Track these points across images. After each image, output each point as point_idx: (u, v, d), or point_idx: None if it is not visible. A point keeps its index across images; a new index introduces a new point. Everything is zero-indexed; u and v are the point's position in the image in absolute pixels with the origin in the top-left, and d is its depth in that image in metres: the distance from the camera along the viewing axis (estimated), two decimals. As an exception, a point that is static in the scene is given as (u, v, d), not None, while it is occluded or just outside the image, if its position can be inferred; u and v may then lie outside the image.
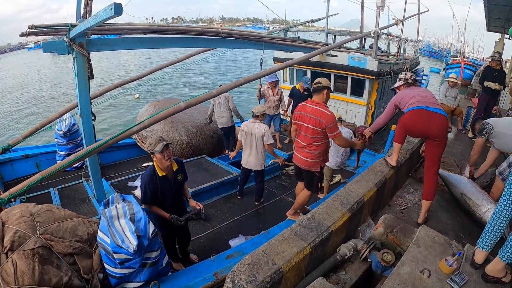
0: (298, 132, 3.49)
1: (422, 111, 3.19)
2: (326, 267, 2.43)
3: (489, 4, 6.84)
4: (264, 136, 4.41)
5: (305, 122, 3.34)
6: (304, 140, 3.41)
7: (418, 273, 2.13)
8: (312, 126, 3.28)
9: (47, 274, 2.16)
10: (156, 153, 2.76)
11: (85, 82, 3.42)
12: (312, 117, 3.26)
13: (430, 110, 3.16)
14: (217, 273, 2.66)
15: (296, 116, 3.47)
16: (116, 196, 2.62)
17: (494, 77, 6.07)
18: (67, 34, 3.18)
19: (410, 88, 3.64)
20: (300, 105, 3.47)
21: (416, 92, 3.48)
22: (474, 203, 3.38)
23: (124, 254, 2.21)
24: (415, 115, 3.23)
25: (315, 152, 3.38)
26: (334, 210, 2.81)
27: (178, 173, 3.07)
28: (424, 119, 3.16)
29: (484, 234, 2.13)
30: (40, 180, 2.79)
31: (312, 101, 3.39)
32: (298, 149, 3.51)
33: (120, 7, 2.25)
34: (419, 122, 3.20)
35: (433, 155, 3.27)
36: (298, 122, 3.43)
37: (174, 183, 3.03)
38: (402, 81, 3.77)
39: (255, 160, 4.57)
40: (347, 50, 7.60)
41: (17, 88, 21.61)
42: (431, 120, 3.12)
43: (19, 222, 2.36)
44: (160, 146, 2.74)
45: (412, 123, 3.28)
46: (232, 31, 4.74)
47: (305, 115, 3.33)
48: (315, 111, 3.26)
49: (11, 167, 5.08)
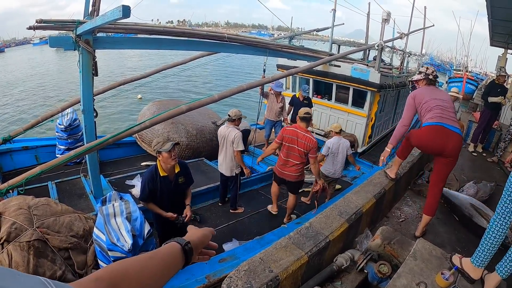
0: (288, 152, 4.10)
1: (441, 128, 2.97)
2: (322, 276, 2.42)
3: (493, 19, 6.89)
4: (234, 142, 4.31)
5: (296, 145, 4.01)
6: (295, 159, 4.08)
7: (414, 286, 2.13)
8: (303, 149, 3.97)
9: (41, 267, 2.18)
10: (164, 151, 2.77)
11: (89, 79, 3.46)
12: (304, 142, 3.95)
13: (448, 129, 2.96)
14: (209, 276, 2.66)
15: (287, 139, 4.06)
16: (113, 194, 2.64)
17: (497, 93, 6.11)
18: (74, 31, 3.22)
19: (431, 88, 3.30)
20: (291, 130, 4.07)
21: (437, 96, 3.17)
22: (483, 212, 3.41)
23: (119, 252, 2.23)
24: (432, 133, 3.02)
25: (302, 168, 4.18)
26: (332, 220, 2.80)
27: (180, 176, 3.06)
28: (442, 137, 2.98)
29: (479, 249, 2.12)
30: (39, 173, 2.81)
31: (303, 128, 4.02)
32: (289, 167, 4.16)
33: (128, 10, 2.28)
34: (436, 140, 3.00)
35: (442, 172, 3.18)
36: (289, 145, 4.05)
37: (174, 184, 3.02)
38: (423, 75, 3.35)
39: (225, 165, 4.51)
40: (351, 61, 7.66)
41: (16, 82, 21.69)
42: (448, 139, 2.95)
43: (16, 214, 2.38)
44: (169, 145, 2.76)
45: (428, 140, 3.09)
46: (237, 37, 4.79)
47: (298, 140, 3.99)
48: (306, 138, 3.96)
49: (10, 158, 5.09)
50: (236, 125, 4.47)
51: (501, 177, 3.77)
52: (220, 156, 4.60)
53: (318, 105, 7.78)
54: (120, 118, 13.87)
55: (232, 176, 4.55)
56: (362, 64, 7.61)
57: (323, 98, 7.95)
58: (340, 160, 4.84)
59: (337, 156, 4.80)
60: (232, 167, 4.49)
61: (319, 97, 8.01)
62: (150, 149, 5.94)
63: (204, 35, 4.31)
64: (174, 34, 4.03)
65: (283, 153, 4.16)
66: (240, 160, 4.43)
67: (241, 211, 4.74)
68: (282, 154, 4.17)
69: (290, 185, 4.34)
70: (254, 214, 4.73)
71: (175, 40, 4.06)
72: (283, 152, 4.16)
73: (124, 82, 5.46)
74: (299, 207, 5.02)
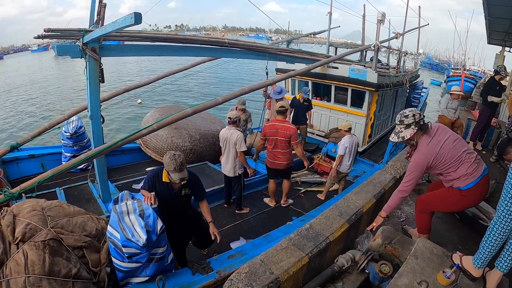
0: (273, 144, 4.58)
1: (486, 178, 2.55)
2: (323, 277, 2.41)
3: (490, 17, 6.98)
4: (237, 143, 4.39)
5: (278, 136, 4.50)
6: (281, 148, 4.58)
7: (415, 285, 2.11)
8: (284, 138, 4.48)
9: (57, 265, 2.24)
10: (170, 174, 2.68)
11: (96, 86, 3.56)
12: (284, 132, 4.46)
13: (487, 174, 2.56)
14: (220, 271, 2.74)
15: (268, 133, 4.56)
16: (125, 194, 2.71)
17: (496, 91, 6.20)
18: (81, 39, 3.33)
19: (433, 137, 2.56)
20: (270, 125, 4.61)
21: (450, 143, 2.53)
22: (485, 210, 3.41)
23: (134, 248, 2.30)
24: (481, 189, 2.56)
25: (290, 155, 4.70)
26: (332, 221, 2.81)
27: (186, 187, 2.91)
28: (487, 188, 2.60)
29: (480, 251, 2.05)
30: (51, 177, 2.90)
31: (280, 120, 4.55)
32: (278, 156, 4.65)
33: (140, 16, 2.37)
34: (483, 194, 2.61)
35: None
36: (272, 137, 4.55)
37: (176, 195, 2.89)
38: (412, 127, 2.53)
39: (229, 167, 4.60)
40: (348, 62, 7.78)
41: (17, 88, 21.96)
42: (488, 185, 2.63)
43: (30, 216, 2.45)
44: (177, 178, 2.66)
45: (478, 200, 2.69)
46: (237, 42, 4.90)
47: (278, 131, 4.49)
48: (284, 128, 4.47)
49: (17, 166, 5.18)
50: (237, 127, 4.58)
51: (501, 175, 3.75)
52: (223, 158, 4.70)
53: (317, 107, 7.89)
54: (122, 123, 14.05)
55: (236, 176, 4.65)
56: (360, 65, 7.73)
57: (323, 100, 8.06)
58: (353, 155, 5.23)
59: (352, 152, 5.17)
60: (235, 168, 4.59)
61: (318, 99, 8.12)
62: (154, 155, 6.04)
63: (205, 40, 4.42)
64: (177, 40, 4.14)
65: (269, 146, 4.66)
66: (243, 160, 4.54)
67: (247, 211, 4.82)
68: (270, 147, 4.66)
69: (282, 172, 4.87)
70: (259, 214, 4.82)
71: (178, 46, 4.16)
72: (269, 146, 4.65)
73: (129, 89, 5.57)
74: (303, 206, 5.11)
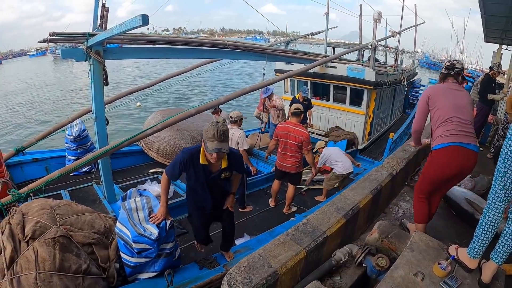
0: (283, 146, 4.44)
1: (460, 149, 2.47)
2: (321, 271, 2.45)
3: (486, 15, 7.06)
4: (239, 141, 4.44)
5: (290, 140, 4.33)
6: (291, 152, 4.41)
7: (411, 276, 2.14)
8: (295, 142, 4.29)
9: (67, 261, 2.30)
10: (207, 142, 2.42)
11: (100, 88, 3.63)
12: (296, 136, 4.27)
13: (468, 149, 2.46)
14: (226, 265, 2.82)
15: (280, 135, 4.40)
16: (134, 191, 2.76)
17: (493, 88, 6.29)
18: (85, 42, 3.40)
19: (451, 88, 2.63)
20: (283, 126, 4.41)
21: (455, 100, 2.57)
22: (478, 206, 3.45)
23: (144, 243, 2.37)
24: (450, 156, 2.50)
25: (299, 159, 4.49)
26: (329, 216, 2.84)
27: (226, 171, 2.67)
28: (461, 160, 2.49)
29: (473, 241, 2.10)
30: (58, 176, 2.98)
31: (294, 123, 4.35)
32: (287, 159, 4.49)
33: (147, 18, 2.44)
34: (454, 164, 2.51)
35: (450, 186, 2.98)
36: (283, 140, 4.39)
37: (212, 178, 2.65)
38: (443, 70, 2.71)
39: None
40: (346, 61, 7.88)
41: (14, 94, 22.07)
42: (468, 162, 2.51)
43: (40, 214, 2.51)
44: (213, 147, 2.39)
45: (446, 166, 2.55)
46: (237, 43, 4.99)
47: (290, 135, 4.31)
48: (297, 132, 4.27)
49: (21, 170, 5.22)
50: (239, 126, 4.65)
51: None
52: None
53: (317, 106, 7.98)
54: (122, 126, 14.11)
55: None
56: (358, 64, 7.83)
57: (322, 99, 8.15)
58: (343, 158, 5.27)
59: (339, 156, 5.22)
60: None
61: (317, 98, 8.21)
62: (157, 157, 6.11)
63: (206, 42, 4.52)
64: (178, 43, 4.22)
65: (280, 148, 4.53)
66: (246, 159, 4.61)
67: (250, 209, 4.88)
68: (280, 149, 4.53)
69: (290, 177, 4.68)
70: (263, 212, 4.88)
71: (180, 48, 4.24)
72: (280, 147, 4.53)
73: (131, 92, 5.66)
74: (305, 203, 5.18)
